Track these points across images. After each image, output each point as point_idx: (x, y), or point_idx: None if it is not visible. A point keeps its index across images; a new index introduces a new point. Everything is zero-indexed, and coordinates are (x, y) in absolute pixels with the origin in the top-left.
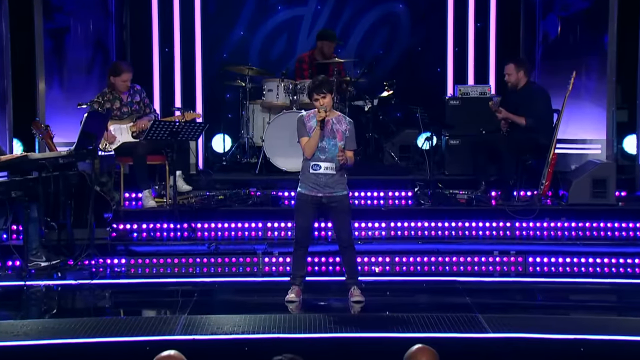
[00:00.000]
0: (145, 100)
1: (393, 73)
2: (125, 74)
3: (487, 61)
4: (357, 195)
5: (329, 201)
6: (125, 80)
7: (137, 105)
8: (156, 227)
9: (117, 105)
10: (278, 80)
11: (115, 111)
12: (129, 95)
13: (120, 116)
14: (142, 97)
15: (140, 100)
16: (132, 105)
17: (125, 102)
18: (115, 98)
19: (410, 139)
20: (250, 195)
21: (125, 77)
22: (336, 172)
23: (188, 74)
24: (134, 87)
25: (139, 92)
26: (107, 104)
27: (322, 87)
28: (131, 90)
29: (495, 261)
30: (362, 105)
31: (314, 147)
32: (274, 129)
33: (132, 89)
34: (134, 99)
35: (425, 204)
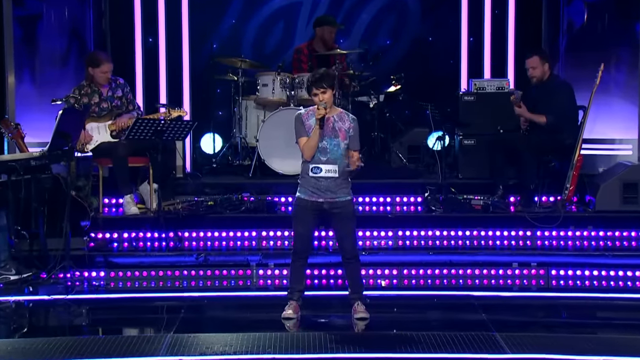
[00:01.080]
0: (128, 95)
1: (401, 66)
2: (105, 64)
3: (505, 52)
4: (362, 200)
5: (330, 207)
6: (105, 71)
7: (119, 100)
8: (139, 236)
9: (96, 100)
10: (274, 73)
11: (93, 106)
12: (110, 89)
13: (98, 112)
14: (125, 91)
15: (122, 95)
16: (113, 100)
17: (105, 96)
18: (94, 92)
19: (419, 139)
20: (243, 201)
21: (104, 68)
22: (339, 176)
23: (174, 66)
24: (117, 81)
25: (121, 86)
26: (84, 98)
27: (323, 81)
28: (113, 83)
29: (515, 274)
30: (367, 102)
31: (314, 147)
32: (269, 127)
33: (113, 83)
34: (116, 94)
35: (436, 210)
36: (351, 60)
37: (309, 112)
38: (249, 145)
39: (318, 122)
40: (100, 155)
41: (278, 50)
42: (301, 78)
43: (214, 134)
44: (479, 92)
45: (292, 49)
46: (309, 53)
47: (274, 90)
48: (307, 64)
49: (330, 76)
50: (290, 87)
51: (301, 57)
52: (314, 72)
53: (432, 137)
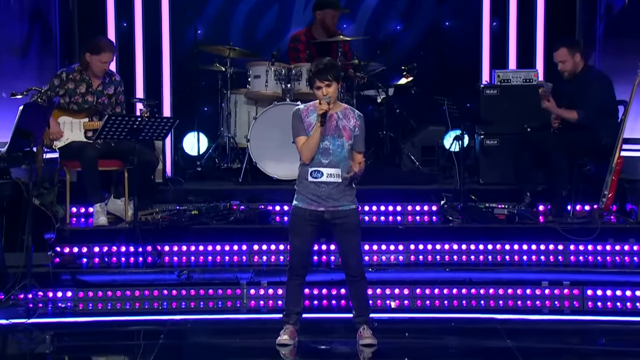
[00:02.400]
0: (120, 96)
1: (413, 55)
2: (106, 53)
3: (534, 39)
4: (368, 209)
5: (332, 217)
6: (104, 61)
7: (107, 98)
8: (111, 250)
9: (82, 90)
10: (267, 63)
11: (76, 96)
12: (102, 83)
13: (79, 105)
14: (118, 90)
15: (113, 93)
16: (101, 96)
17: (94, 89)
18: (83, 81)
19: (434, 139)
20: (232, 210)
21: (104, 58)
22: (342, 181)
23: (152, 55)
24: (112, 76)
25: (115, 83)
26: (69, 83)
27: (328, 73)
28: (107, 78)
29: (544, 294)
30: (374, 96)
31: (314, 148)
32: (262, 125)
33: (108, 77)
34: (106, 90)
35: (454, 221)
36: (356, 49)
37: (308, 108)
38: (239, 145)
39: (319, 119)
40: (68, 156)
41: (272, 37)
42: (298, 69)
43: (199, 132)
44: (503, 85)
45: (288, 36)
46: (307, 40)
47: (267, 82)
48: (304, 53)
49: (337, 67)
50: (286, 79)
51: (298, 45)
52: (317, 61)
53: (449, 137)
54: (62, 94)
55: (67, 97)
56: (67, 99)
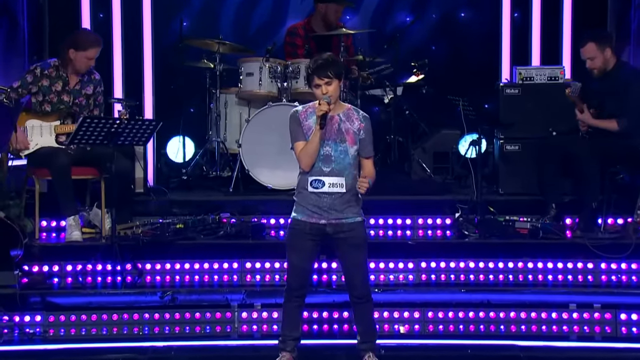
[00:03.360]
0: (99, 97)
1: (424, 50)
2: (92, 49)
3: (560, 31)
4: (374, 223)
5: (335, 231)
6: (90, 57)
7: (85, 99)
8: (86, 269)
9: (58, 88)
10: (261, 60)
11: (51, 95)
12: (81, 81)
13: (54, 105)
14: (97, 91)
15: (92, 93)
16: (78, 96)
17: (71, 88)
18: (60, 78)
19: (448, 144)
20: (222, 224)
21: (92, 53)
22: (347, 191)
23: (132, 50)
24: (92, 75)
25: (95, 82)
26: (43, 80)
27: (328, 69)
28: (86, 76)
29: (572, 318)
30: (381, 96)
31: (314, 154)
32: (255, 129)
33: (88, 75)
34: (84, 89)
35: (470, 235)
36: (360, 43)
37: (307, 110)
38: (229, 151)
39: (319, 121)
40: (37, 164)
41: (266, 30)
42: (296, 65)
43: (184, 137)
44: (526, 84)
45: (285, 29)
46: (306, 34)
47: (261, 81)
48: (303, 48)
49: (338, 63)
50: (282, 77)
51: (296, 40)
52: (316, 56)
53: (464, 142)
54: (35, 92)
55: (40, 96)
56: (40, 97)
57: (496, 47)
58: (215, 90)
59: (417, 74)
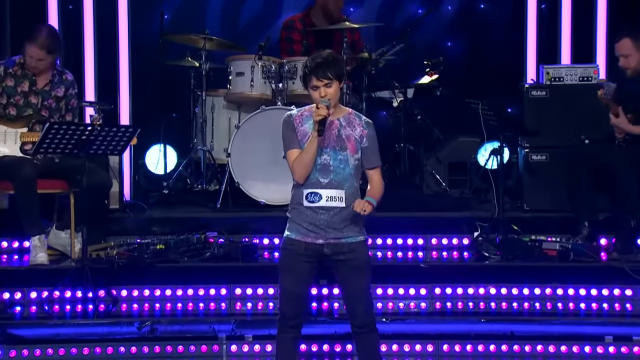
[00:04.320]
0: (72, 100)
1: (439, 46)
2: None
3: (593, 25)
4: (381, 243)
5: (334, 253)
6: (32, 56)
7: (56, 102)
8: (53, 296)
9: (24, 89)
10: (253, 57)
11: (16, 96)
12: (50, 82)
13: (20, 108)
14: (70, 93)
15: (63, 96)
16: (47, 98)
17: (39, 89)
18: (26, 77)
19: (466, 153)
20: (208, 244)
21: (31, 52)
22: (346, 206)
23: (106, 46)
24: (63, 75)
25: (66, 84)
26: (7, 80)
27: (328, 68)
28: (57, 76)
29: (609, 353)
30: (389, 99)
31: (309, 164)
32: (246, 136)
33: (57, 76)
34: (55, 91)
35: (491, 257)
36: (366, 39)
37: (303, 114)
38: (217, 162)
39: (316, 127)
40: None
41: (259, 24)
42: (293, 64)
43: (165, 145)
44: (554, 85)
45: (280, 22)
46: (304, 28)
47: (252, 81)
48: (300, 44)
49: (339, 62)
50: (277, 77)
51: (292, 34)
52: (315, 55)
53: (484, 151)
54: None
55: (4, 98)
56: (4, 100)
57: (520, 43)
58: (201, 92)
59: (431, 74)
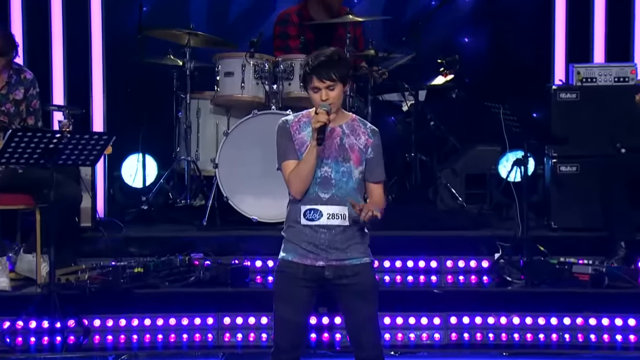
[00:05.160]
0: (33, 101)
1: (455, 43)
2: None
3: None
4: (389, 266)
5: (336, 276)
6: None
7: (15, 106)
8: (16, 326)
9: None
10: (244, 55)
11: None
12: (8, 84)
13: None
14: (30, 94)
15: (23, 98)
16: (5, 102)
17: None
18: None
19: (485, 164)
20: (193, 267)
21: None
22: (350, 224)
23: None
24: (22, 73)
25: (26, 83)
26: None
27: (333, 69)
28: (14, 76)
29: None
30: (398, 102)
31: (307, 177)
32: (236, 144)
33: (15, 76)
34: (13, 93)
35: (514, 282)
36: (371, 34)
37: (300, 120)
38: (203, 174)
39: (315, 135)
40: None
41: (250, 18)
42: (289, 63)
43: (144, 155)
44: (586, 86)
45: (274, 16)
46: (301, 22)
47: (243, 82)
48: (297, 40)
49: (345, 62)
50: (271, 77)
51: (288, 30)
52: (317, 52)
53: (506, 161)
54: None
55: None
56: None
57: (547, 39)
58: (185, 95)
59: (445, 74)
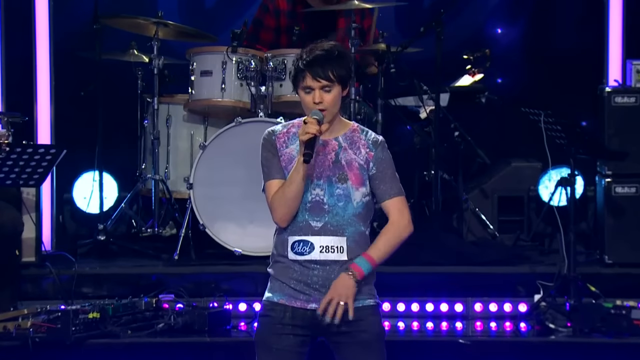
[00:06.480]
0: None
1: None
2: None
3: None
4: (404, 310)
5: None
6: None
7: None
8: None
9: None
10: (224, 50)
11: None
12: None
13: None
14: None
15: None
16: None
17: None
18: None
19: (522, 183)
20: (162, 311)
21: None
22: (349, 259)
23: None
24: None
25: None
26: None
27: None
28: None
29: None
30: (415, 108)
31: (293, 201)
32: (215, 160)
33: None
34: None
35: (559, 330)
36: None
37: (290, 130)
38: (174, 196)
39: (302, 150)
40: None
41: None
42: (280, 59)
43: (101, 173)
44: None
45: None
46: (292, 9)
47: (224, 83)
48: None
49: (346, 58)
50: (258, 77)
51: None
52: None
53: (548, 180)
54: None
55: None
56: None
57: (598, 31)
58: (152, 99)
59: (473, 73)
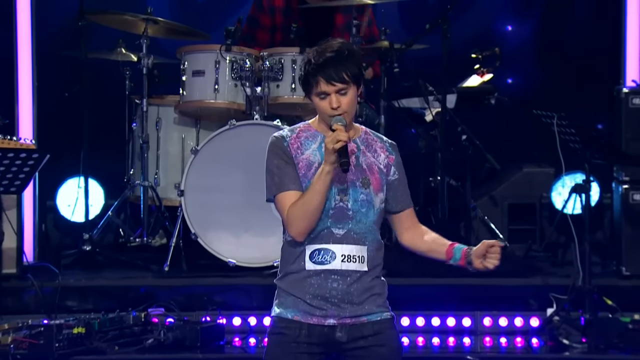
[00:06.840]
0: None
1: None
2: None
3: None
4: (409, 324)
5: (352, 338)
6: None
7: None
8: None
9: None
10: (218, 49)
11: None
12: None
13: None
14: None
15: None
16: None
17: None
18: None
19: (534, 190)
20: (152, 326)
21: None
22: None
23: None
24: None
25: None
26: None
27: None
28: None
29: None
30: (420, 110)
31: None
32: (208, 165)
33: None
34: None
35: (573, 347)
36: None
37: (300, 135)
38: (164, 203)
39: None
40: None
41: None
42: (277, 58)
43: (87, 179)
44: None
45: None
46: (287, 6)
47: (217, 84)
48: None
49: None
50: (253, 77)
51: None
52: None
53: (561, 187)
54: None
55: None
56: None
57: (615, 28)
58: (141, 101)
59: (482, 73)
